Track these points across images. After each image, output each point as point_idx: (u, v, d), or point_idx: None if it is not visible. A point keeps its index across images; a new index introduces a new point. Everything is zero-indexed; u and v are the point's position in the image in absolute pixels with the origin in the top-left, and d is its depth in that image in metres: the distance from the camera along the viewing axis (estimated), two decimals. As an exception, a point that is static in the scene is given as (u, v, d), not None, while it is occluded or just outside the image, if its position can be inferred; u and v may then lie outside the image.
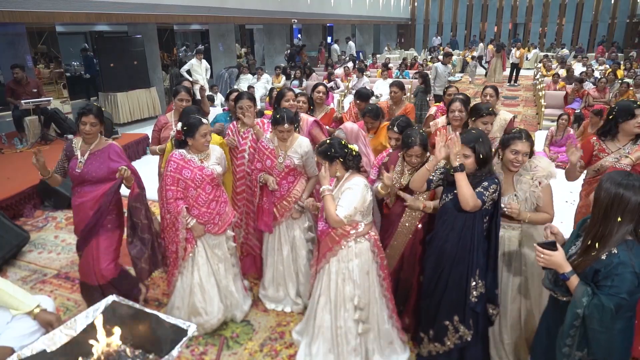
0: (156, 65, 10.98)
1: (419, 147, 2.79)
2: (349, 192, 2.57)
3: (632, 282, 1.74)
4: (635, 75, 10.16)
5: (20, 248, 4.49)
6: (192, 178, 2.97)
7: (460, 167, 2.34)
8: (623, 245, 1.79)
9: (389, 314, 2.83)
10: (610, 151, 3.06)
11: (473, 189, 2.37)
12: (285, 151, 3.21)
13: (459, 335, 2.59)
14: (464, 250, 2.49)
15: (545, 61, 14.65)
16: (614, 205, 1.78)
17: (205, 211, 3.04)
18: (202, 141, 2.95)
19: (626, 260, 1.75)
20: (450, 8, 28.24)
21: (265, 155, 3.28)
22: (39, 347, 1.54)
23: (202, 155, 3.03)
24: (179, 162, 2.97)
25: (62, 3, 7.25)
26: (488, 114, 3.30)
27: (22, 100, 7.36)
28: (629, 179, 1.79)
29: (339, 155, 2.60)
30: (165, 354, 1.56)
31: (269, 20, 13.91)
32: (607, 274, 1.78)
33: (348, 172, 2.67)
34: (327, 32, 25.16)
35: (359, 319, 2.67)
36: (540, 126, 9.34)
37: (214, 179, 3.04)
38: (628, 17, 24.72)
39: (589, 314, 1.80)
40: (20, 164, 6.46)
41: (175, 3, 9.53)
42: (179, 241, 3.02)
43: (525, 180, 2.56)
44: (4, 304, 2.24)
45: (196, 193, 3.00)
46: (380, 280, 2.75)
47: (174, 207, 2.96)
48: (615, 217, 1.77)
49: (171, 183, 2.96)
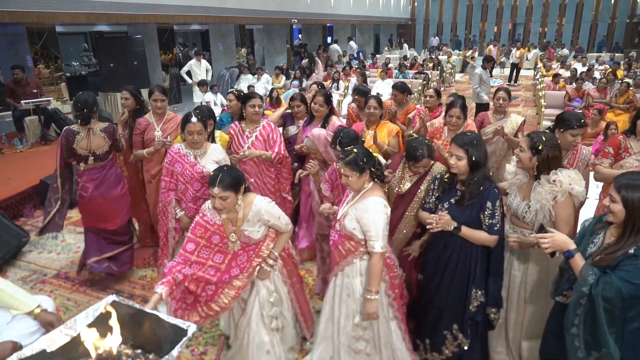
0: (156, 65, 10.99)
1: (427, 159, 2.75)
2: (373, 223, 2.36)
3: None
4: (635, 75, 10.16)
5: (20, 248, 4.49)
6: (181, 172, 3.06)
7: (457, 230, 2.39)
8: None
9: (402, 335, 2.65)
10: (634, 151, 3.05)
11: (474, 205, 2.36)
12: (238, 225, 2.49)
13: (458, 343, 2.57)
14: (465, 259, 2.46)
15: (545, 61, 14.65)
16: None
17: (191, 206, 3.11)
18: (189, 138, 3.01)
19: None
20: (450, 8, 28.25)
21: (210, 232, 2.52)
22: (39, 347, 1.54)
23: (198, 152, 3.08)
24: (174, 155, 3.09)
25: (62, 3, 7.26)
26: (579, 125, 2.87)
27: (22, 100, 7.36)
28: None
29: (370, 166, 2.41)
30: (165, 354, 1.56)
31: (269, 20, 13.91)
32: (627, 262, 1.80)
33: (371, 184, 2.47)
34: (327, 32, 25.16)
35: (358, 337, 2.56)
36: (540, 126, 9.34)
37: (204, 177, 3.05)
38: (628, 17, 24.73)
39: (597, 293, 1.80)
40: (20, 164, 6.47)
41: (175, 3, 9.53)
42: (169, 230, 3.16)
43: (541, 191, 2.40)
44: (4, 304, 2.24)
45: (184, 188, 3.08)
46: (389, 301, 2.57)
47: (165, 197, 3.11)
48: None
49: (165, 174, 3.12)
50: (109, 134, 3.58)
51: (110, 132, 3.59)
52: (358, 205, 2.43)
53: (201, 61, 9.70)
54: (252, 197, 2.47)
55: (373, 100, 3.81)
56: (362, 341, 2.57)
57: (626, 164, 3.03)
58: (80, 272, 3.90)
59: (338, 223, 2.55)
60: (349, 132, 2.95)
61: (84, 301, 3.69)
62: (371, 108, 3.78)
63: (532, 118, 10.36)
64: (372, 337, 2.58)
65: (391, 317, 2.59)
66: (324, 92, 4.03)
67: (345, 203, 2.55)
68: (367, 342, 2.57)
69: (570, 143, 2.80)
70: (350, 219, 2.44)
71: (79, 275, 3.93)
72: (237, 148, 3.68)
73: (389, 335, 2.59)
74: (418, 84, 11.24)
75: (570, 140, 2.86)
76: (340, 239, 2.54)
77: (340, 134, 2.88)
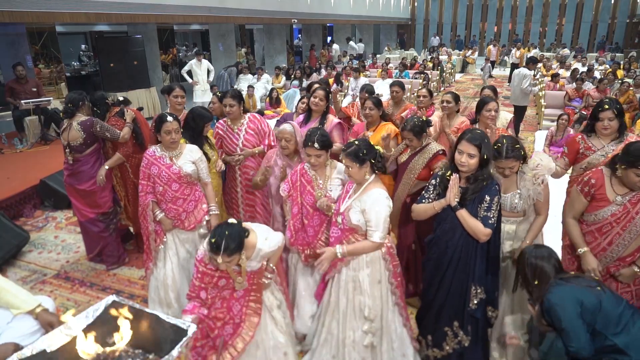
0: (156, 65, 10.98)
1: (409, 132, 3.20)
2: (374, 214, 2.43)
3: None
4: (635, 75, 10.16)
5: (20, 248, 4.49)
6: (158, 174, 3.05)
7: (459, 206, 2.39)
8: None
9: (403, 322, 2.73)
10: (596, 148, 3.07)
11: (475, 199, 2.38)
12: (243, 268, 2.35)
13: (458, 340, 2.58)
14: (466, 257, 2.48)
15: (545, 61, 14.64)
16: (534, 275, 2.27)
17: (171, 207, 3.11)
18: (167, 138, 2.99)
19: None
20: (450, 8, 28.26)
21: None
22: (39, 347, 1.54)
23: (173, 153, 3.08)
24: (149, 158, 3.08)
25: (62, 3, 7.25)
26: None
27: (22, 100, 7.37)
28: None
29: (370, 157, 2.46)
30: (165, 354, 1.56)
31: (269, 20, 13.91)
32: None
33: (372, 176, 2.52)
34: (327, 32, 25.16)
35: (368, 331, 2.59)
36: (540, 126, 9.34)
37: (181, 177, 3.07)
38: (628, 17, 24.73)
39: None
40: (20, 164, 6.47)
41: (175, 3, 9.53)
42: (150, 233, 3.15)
43: (528, 178, 2.61)
44: (5, 303, 2.24)
45: (162, 189, 3.08)
46: (392, 289, 2.64)
47: (143, 200, 3.11)
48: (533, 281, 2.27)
49: (142, 177, 3.11)
50: (84, 127, 3.79)
51: (86, 126, 3.80)
52: (362, 197, 2.47)
53: (202, 61, 9.70)
54: (252, 241, 2.32)
55: (369, 101, 3.81)
56: (371, 334, 2.60)
57: (593, 160, 3.06)
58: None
59: (341, 217, 2.56)
60: (326, 133, 2.88)
61: (84, 301, 3.70)
62: (367, 109, 3.78)
63: (532, 118, 10.36)
64: (379, 327, 2.63)
65: (394, 304, 2.66)
66: (324, 87, 4.02)
67: (348, 197, 2.57)
68: (373, 334, 2.61)
69: (635, 184, 2.35)
70: (355, 211, 2.48)
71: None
72: (230, 145, 3.72)
73: (392, 322, 2.66)
74: (418, 84, 11.25)
75: (635, 181, 2.34)
76: (344, 233, 2.56)
77: (317, 133, 2.75)
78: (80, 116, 3.85)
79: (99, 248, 4.18)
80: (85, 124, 3.80)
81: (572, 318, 2.02)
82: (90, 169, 3.92)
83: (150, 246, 3.20)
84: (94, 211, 4.02)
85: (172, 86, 4.08)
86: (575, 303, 2.04)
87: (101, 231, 4.09)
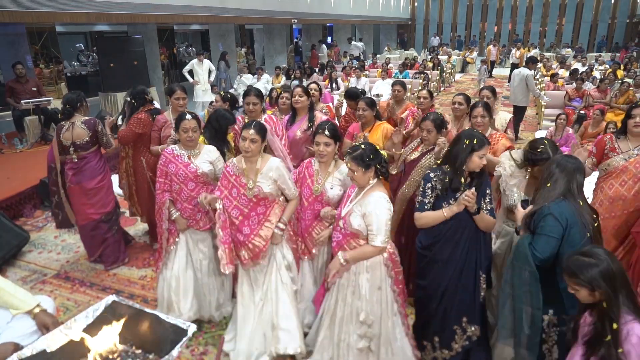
0: (156, 65, 10.98)
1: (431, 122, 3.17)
2: (375, 218, 2.41)
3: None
4: (635, 75, 10.16)
5: (20, 248, 4.49)
6: (175, 173, 3.06)
7: (477, 211, 2.42)
8: None
9: (405, 330, 2.68)
10: (621, 151, 3.07)
11: (478, 194, 2.41)
12: (255, 177, 2.77)
13: (467, 336, 2.59)
14: (474, 250, 2.52)
15: (545, 61, 14.64)
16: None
17: (187, 206, 3.11)
18: (184, 136, 3.02)
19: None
20: (450, 8, 28.26)
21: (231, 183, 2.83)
22: (39, 347, 1.54)
23: (192, 152, 3.09)
24: (167, 156, 3.09)
25: (62, 3, 7.25)
26: None
27: (22, 100, 7.36)
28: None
29: (376, 162, 2.44)
30: (165, 354, 1.56)
31: (269, 20, 13.92)
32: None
33: (375, 181, 2.50)
34: (327, 32, 25.15)
35: (362, 335, 2.57)
36: (540, 126, 9.34)
37: (198, 176, 3.07)
38: (628, 17, 24.74)
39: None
40: (20, 164, 6.47)
41: (175, 3, 9.53)
42: (163, 231, 3.13)
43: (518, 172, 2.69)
44: (4, 303, 2.24)
45: (179, 188, 3.09)
46: (394, 296, 2.60)
47: (160, 198, 3.11)
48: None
49: (159, 175, 3.11)
50: (89, 125, 3.88)
51: (90, 125, 3.89)
52: (363, 201, 2.46)
53: (203, 61, 9.70)
54: (269, 156, 2.84)
55: (362, 102, 3.80)
56: (366, 339, 2.57)
57: (613, 162, 3.07)
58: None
59: (342, 221, 2.56)
60: (334, 124, 2.99)
61: (84, 301, 3.70)
62: (360, 110, 3.77)
63: (532, 118, 10.36)
64: (377, 333, 2.60)
65: (395, 312, 2.63)
66: (302, 85, 4.27)
67: (349, 201, 2.56)
68: (370, 339, 2.58)
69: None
70: (355, 216, 2.47)
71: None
72: None
73: (392, 331, 2.62)
74: (418, 84, 11.24)
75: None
76: (345, 238, 2.55)
77: (327, 124, 2.84)
78: (79, 116, 3.88)
79: (100, 251, 4.17)
80: (89, 122, 3.88)
81: (554, 232, 2.13)
82: (97, 165, 3.98)
83: (162, 246, 3.18)
84: (98, 212, 4.00)
85: (173, 88, 4.05)
86: (565, 225, 2.13)
87: (104, 232, 4.08)
